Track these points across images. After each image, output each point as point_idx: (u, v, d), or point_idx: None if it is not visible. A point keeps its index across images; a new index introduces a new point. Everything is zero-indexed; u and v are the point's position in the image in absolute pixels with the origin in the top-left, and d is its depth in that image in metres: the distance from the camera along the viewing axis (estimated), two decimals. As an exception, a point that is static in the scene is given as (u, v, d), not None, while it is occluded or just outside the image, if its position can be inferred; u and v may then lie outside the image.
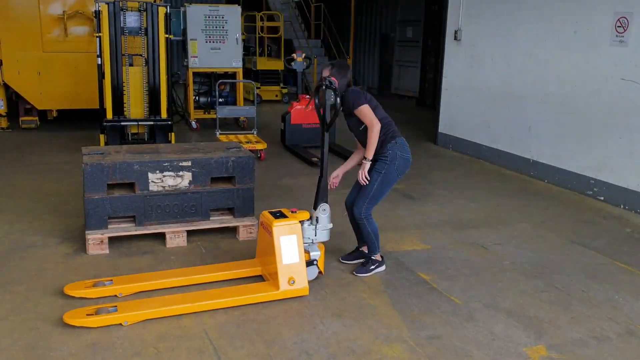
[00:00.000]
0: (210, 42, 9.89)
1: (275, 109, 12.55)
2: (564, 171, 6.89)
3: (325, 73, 4.19)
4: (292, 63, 9.54)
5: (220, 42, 9.91)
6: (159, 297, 3.82)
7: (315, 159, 7.76)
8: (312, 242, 4.13)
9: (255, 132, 8.50)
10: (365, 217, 4.24)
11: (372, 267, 4.37)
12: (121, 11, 7.25)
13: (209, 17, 9.87)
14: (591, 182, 6.54)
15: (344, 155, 8.18)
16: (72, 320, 3.46)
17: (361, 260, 4.47)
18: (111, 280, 3.98)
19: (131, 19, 7.37)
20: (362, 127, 4.20)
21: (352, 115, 4.24)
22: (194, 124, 10.14)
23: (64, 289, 3.87)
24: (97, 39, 7.30)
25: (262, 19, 14.39)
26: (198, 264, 4.35)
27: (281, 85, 14.47)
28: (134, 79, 7.52)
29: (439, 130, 9.29)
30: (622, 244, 5.14)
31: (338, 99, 4.04)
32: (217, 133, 8.28)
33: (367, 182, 4.21)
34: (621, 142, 6.18)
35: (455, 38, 8.75)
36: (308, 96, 9.06)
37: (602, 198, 6.41)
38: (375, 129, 4.11)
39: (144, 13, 7.36)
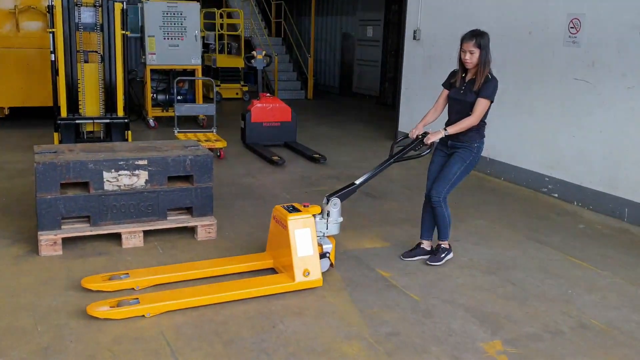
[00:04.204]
0: (168, 38, 9.74)
1: (236, 107, 12.46)
2: (519, 169, 7.03)
3: (469, 46, 4.23)
4: (253, 61, 9.47)
5: (178, 38, 9.78)
6: (179, 289, 3.87)
7: (275, 158, 7.72)
8: (324, 235, 4.21)
9: (214, 131, 8.41)
10: (443, 200, 4.43)
11: (443, 254, 4.56)
12: (76, 6, 7.07)
13: (167, 14, 9.72)
14: (546, 180, 6.69)
15: (304, 153, 8.19)
16: (95, 312, 3.50)
17: (422, 257, 4.60)
18: (127, 273, 4.03)
19: (86, 15, 7.19)
20: (469, 110, 4.28)
21: (472, 94, 4.26)
22: (151, 122, 9.98)
23: (81, 282, 3.90)
24: (51, 34, 7.10)
25: (221, 16, 14.25)
26: (155, 265, 4.28)
27: (242, 83, 14.37)
28: (90, 76, 7.35)
29: (399, 129, 9.36)
30: (575, 239, 5.28)
31: (427, 152, 4.39)
32: (176, 131, 8.16)
33: (450, 168, 4.37)
34: (574, 140, 6.34)
35: (415, 38, 8.83)
36: (268, 94, 9.02)
37: (556, 195, 6.57)
38: (474, 122, 4.26)
39: (100, 9, 7.19)
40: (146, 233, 4.73)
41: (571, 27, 6.30)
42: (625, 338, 3.57)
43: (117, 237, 4.66)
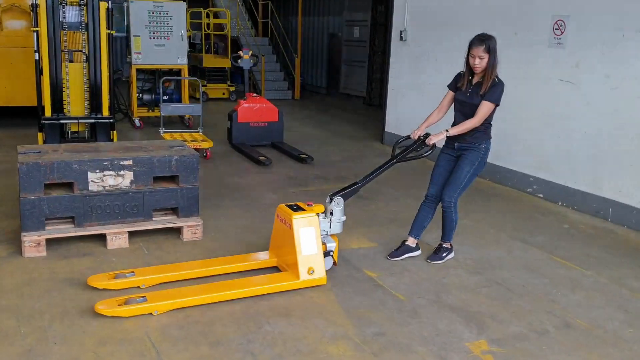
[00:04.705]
0: (154, 38, 9.70)
1: (222, 107, 12.41)
2: (504, 169, 7.07)
3: (479, 52, 4.20)
4: (239, 60, 9.44)
5: (164, 38, 9.73)
6: (186, 287, 3.92)
7: (262, 158, 7.71)
8: (327, 234, 4.25)
9: (201, 131, 8.38)
10: (454, 204, 4.49)
11: (445, 254, 4.65)
12: (60, 5, 7.00)
13: (153, 13, 9.67)
14: (531, 180, 6.73)
15: (291, 154, 8.18)
16: (104, 310, 3.52)
17: (409, 255, 4.65)
18: (132, 272, 4.05)
19: (71, 14, 7.12)
20: (473, 113, 4.31)
21: (478, 97, 4.28)
22: (137, 122, 9.91)
23: (87, 280, 3.90)
24: (35, 33, 7.03)
25: (208, 16, 14.20)
26: (140, 266, 4.25)
27: (228, 83, 14.32)
28: (74, 75, 7.28)
29: (386, 130, 9.39)
30: (560, 239, 5.32)
31: (429, 152, 4.45)
32: (162, 131, 8.12)
33: (460, 172, 4.40)
34: (559, 141, 6.39)
35: (401, 38, 8.85)
36: (255, 94, 9.00)
37: (541, 195, 6.61)
38: (475, 124, 4.29)
39: (85, 7, 7.13)
40: (131, 234, 4.69)
41: (556, 29, 6.35)
42: (609, 337, 3.60)
43: (102, 238, 4.63)
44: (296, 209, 4.15)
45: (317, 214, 4.16)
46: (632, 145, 5.66)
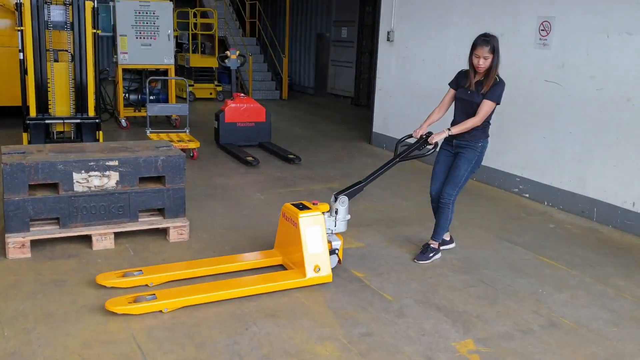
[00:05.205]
0: (140, 38, 9.65)
1: (210, 107, 12.38)
2: (491, 169, 7.10)
3: (484, 52, 4.21)
4: (226, 60, 9.42)
5: (151, 38, 9.68)
6: (195, 285, 3.95)
7: (249, 158, 7.69)
8: (332, 233, 4.29)
9: (187, 131, 8.34)
10: (452, 202, 4.55)
11: (432, 254, 4.67)
12: (45, 4, 6.94)
13: (139, 13, 9.62)
14: (517, 180, 6.77)
15: (278, 154, 8.17)
16: (114, 308, 3.54)
17: (444, 247, 4.77)
18: (140, 270, 4.07)
19: (56, 13, 7.06)
20: (476, 111, 4.34)
21: (479, 96, 4.32)
22: (123, 122, 9.86)
23: (96, 278, 3.92)
24: (19, 33, 6.96)
25: (195, 16, 14.15)
26: (126, 267, 4.22)
27: (215, 83, 14.28)
28: (60, 75, 7.22)
29: (373, 130, 9.40)
30: (545, 239, 5.35)
31: (431, 151, 4.50)
32: (148, 132, 8.08)
33: (458, 170, 4.46)
34: (545, 141, 6.43)
35: (388, 39, 8.87)
36: (242, 94, 8.98)
37: (527, 195, 6.66)
38: (477, 122, 4.34)
39: (70, 7, 7.07)
40: (117, 235, 4.66)
41: (542, 30, 6.39)
42: (594, 336, 3.63)
43: (87, 239, 4.59)
44: (302, 207, 4.19)
45: (323, 213, 4.19)
46: (616, 145, 5.71)
